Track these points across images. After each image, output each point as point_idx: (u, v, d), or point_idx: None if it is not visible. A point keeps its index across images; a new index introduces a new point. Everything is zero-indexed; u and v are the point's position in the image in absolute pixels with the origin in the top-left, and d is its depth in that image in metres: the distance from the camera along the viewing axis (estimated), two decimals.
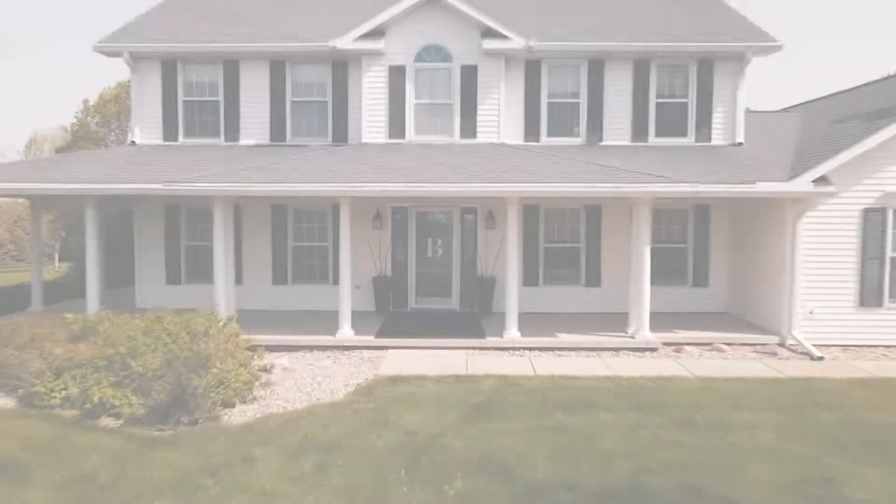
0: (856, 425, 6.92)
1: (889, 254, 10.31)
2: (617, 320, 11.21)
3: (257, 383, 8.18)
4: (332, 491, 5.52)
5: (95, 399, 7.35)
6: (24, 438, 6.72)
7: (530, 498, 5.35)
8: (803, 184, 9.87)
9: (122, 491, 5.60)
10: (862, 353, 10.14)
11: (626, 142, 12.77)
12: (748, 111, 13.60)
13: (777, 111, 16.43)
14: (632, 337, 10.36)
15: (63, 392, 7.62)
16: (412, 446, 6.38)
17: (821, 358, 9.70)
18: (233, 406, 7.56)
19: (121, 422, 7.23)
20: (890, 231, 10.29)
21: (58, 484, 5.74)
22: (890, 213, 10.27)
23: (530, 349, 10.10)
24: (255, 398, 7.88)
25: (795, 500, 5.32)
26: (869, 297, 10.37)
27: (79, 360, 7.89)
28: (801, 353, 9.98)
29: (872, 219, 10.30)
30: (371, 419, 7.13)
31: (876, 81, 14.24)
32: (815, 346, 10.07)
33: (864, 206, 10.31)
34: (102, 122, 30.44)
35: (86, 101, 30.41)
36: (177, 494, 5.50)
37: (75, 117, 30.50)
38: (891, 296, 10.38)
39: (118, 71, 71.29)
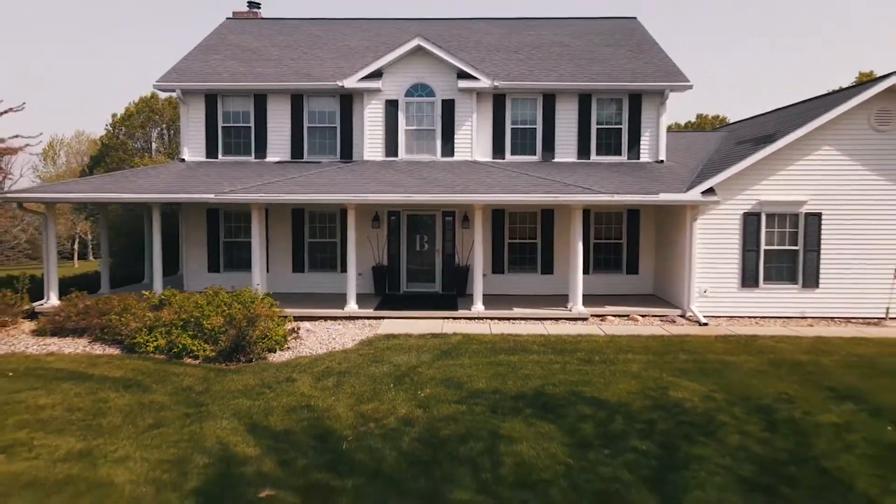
0: (700, 361, 9.91)
1: (763, 247, 13.29)
2: (564, 300, 14.17)
3: (289, 338, 11.14)
4: (345, 395, 8.49)
5: (179, 346, 10.33)
6: (136, 370, 9.69)
7: (472, 398, 8.32)
8: (694, 194, 12.86)
9: (211, 396, 8.56)
10: (741, 322, 13.12)
11: (574, 159, 15.75)
12: (683, 130, 16.57)
13: (705, 131, 19.42)
14: (569, 310, 13.33)
15: (154, 343, 10.58)
16: (398, 373, 9.35)
17: (705, 324, 12.69)
18: (274, 352, 10.53)
19: (198, 361, 10.20)
20: (763, 230, 13.26)
21: (168, 392, 8.71)
22: (763, 217, 13.25)
23: (491, 318, 13.06)
24: (288, 347, 10.85)
25: (638, 398, 8.30)
26: (748, 280, 13.36)
27: (162, 322, 10.86)
28: (694, 322, 12.96)
29: (750, 221, 13.28)
30: (371, 358, 10.10)
31: (775, 110, 17.21)
32: (706, 316, 13.07)
33: (744, 211, 13.29)
34: (128, 134, 33.30)
35: (114, 115, 33.29)
36: (247, 397, 8.46)
37: (105, 129, 33.42)
38: (765, 279, 13.36)
39: (138, 88, 74.06)
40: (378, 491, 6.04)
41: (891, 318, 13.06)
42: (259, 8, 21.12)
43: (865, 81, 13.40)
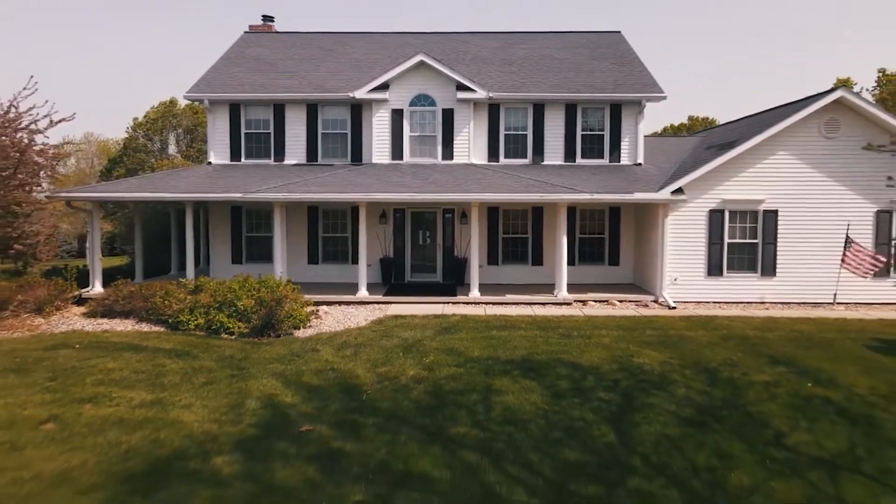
0: (663, 336, 11.42)
1: (726, 240, 14.80)
2: (551, 288, 15.66)
3: (311, 318, 12.64)
4: (362, 361, 9.99)
5: (217, 324, 11.82)
6: (182, 343, 11.19)
7: (468, 363, 9.82)
8: (665, 194, 14.37)
9: (250, 362, 10.05)
10: (706, 307, 14.61)
11: (561, 162, 17.26)
12: (662, 135, 18.05)
13: (681, 136, 20.92)
14: (555, 296, 14.83)
15: (195, 322, 12.08)
16: (406, 345, 10.85)
17: (674, 308, 14.20)
18: (298, 329, 12.03)
19: (234, 336, 11.70)
20: (727, 225, 14.77)
21: (213, 359, 10.21)
22: (727, 213, 14.75)
23: (486, 303, 14.56)
24: (310, 326, 12.34)
25: (606, 363, 9.81)
26: (713, 269, 14.87)
27: (201, 304, 12.35)
28: (665, 306, 14.47)
29: (715, 217, 14.79)
30: (382, 334, 11.60)
31: (745, 117, 18.72)
32: (676, 302, 14.58)
33: (710, 208, 14.79)
34: (147, 136, 34.79)
35: (135, 119, 34.79)
36: (281, 363, 9.95)
37: (126, 132, 34.93)
38: (728, 269, 14.87)
39: (157, 92, 75.42)
40: (394, 426, 7.55)
41: (838, 303, 14.57)
42: (273, 21, 22.59)
43: (816, 94, 14.87)
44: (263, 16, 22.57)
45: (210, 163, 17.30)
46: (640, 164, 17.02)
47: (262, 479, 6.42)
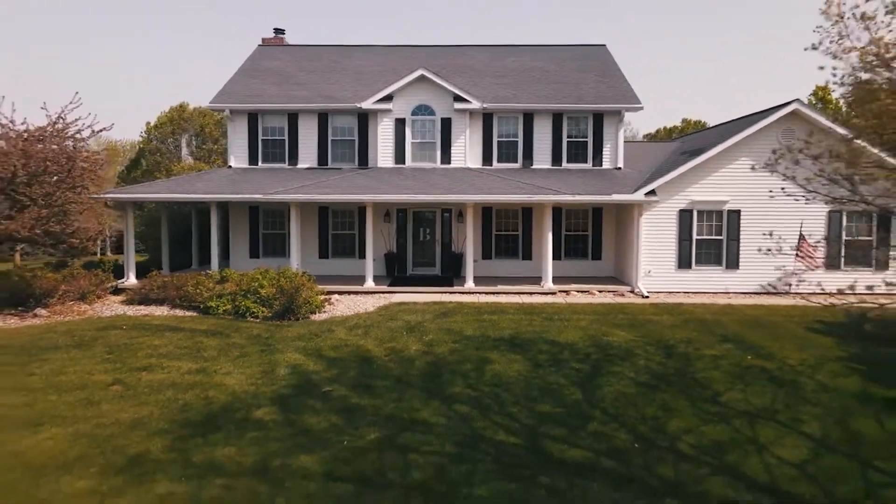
0: (632, 320, 12.89)
1: (695, 237, 16.27)
2: (540, 280, 17.11)
3: (325, 304, 14.10)
4: (372, 338, 11.44)
5: (243, 308, 13.28)
6: (214, 324, 12.64)
7: (463, 340, 11.28)
8: (639, 195, 15.84)
9: (275, 340, 11.50)
10: (676, 296, 16.06)
11: (549, 166, 18.72)
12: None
13: (660, 141, 22.39)
14: (542, 287, 16.30)
15: (223, 307, 13.53)
16: (409, 326, 12.31)
17: (647, 297, 15.67)
18: (314, 313, 13.48)
19: (258, 320, 13.15)
20: (695, 223, 16.23)
21: (243, 337, 11.67)
22: (695, 213, 16.22)
23: (480, 293, 16.01)
24: (324, 311, 13.80)
25: (581, 340, 11.28)
26: (683, 263, 16.35)
27: (228, 291, 13.81)
28: (639, 295, 15.94)
29: (685, 216, 16.26)
30: (387, 317, 13.06)
31: (720, 124, 20.19)
32: (650, 292, 16.05)
33: (679, 208, 16.27)
34: (160, 140, 36.21)
35: (148, 123, 36.24)
36: (302, 340, 11.40)
37: (140, 136, 36.37)
38: (696, 262, 16.34)
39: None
40: (401, 388, 9.03)
41: (794, 293, 16.05)
42: (284, 34, 24.02)
43: (774, 107, 16.34)
44: (275, 29, 24.04)
45: (230, 166, 18.74)
46: (619, 167, 18.49)
47: (296, 425, 7.91)
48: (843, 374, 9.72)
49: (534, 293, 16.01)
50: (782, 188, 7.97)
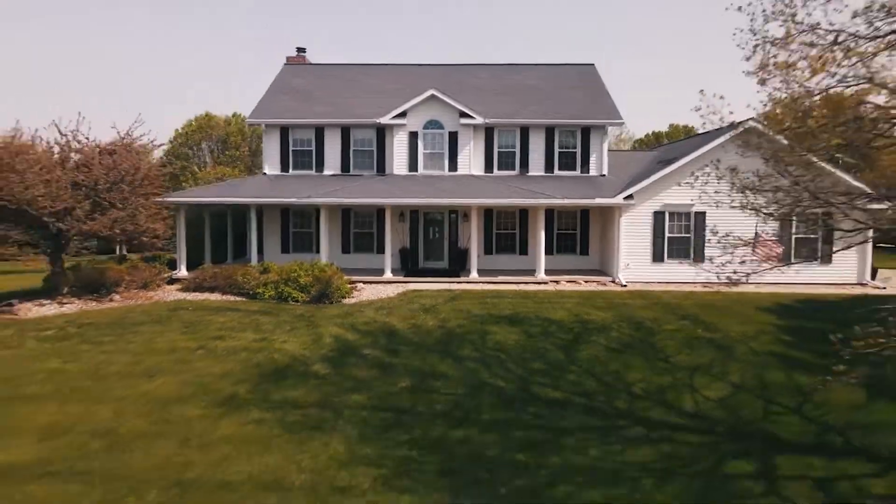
0: (610, 303, 15.32)
1: (667, 235, 18.69)
2: (534, 272, 19.56)
3: (353, 291, 16.55)
4: (395, 317, 13.87)
5: (286, 294, 15.73)
6: (263, 307, 15.06)
7: (470, 317, 13.72)
8: (619, 199, 18.28)
9: (317, 318, 13.95)
10: (651, 286, 18.46)
11: (542, 173, 21.16)
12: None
13: (643, 150, 24.80)
14: (535, 277, 18.74)
15: (268, 293, 15.98)
16: (424, 308, 14.74)
17: (625, 286, 18.11)
18: (344, 298, 15.92)
19: (299, 303, 15.59)
20: (667, 223, 18.66)
21: (290, 316, 14.11)
22: (667, 214, 18.64)
23: (483, 282, 18.44)
24: (352, 297, 16.23)
25: (567, 318, 13.71)
26: (657, 257, 18.77)
27: (271, 280, 16.26)
28: (619, 285, 18.38)
29: (658, 217, 18.69)
30: (406, 301, 15.51)
31: (695, 135, 22.61)
32: (628, 282, 18.47)
33: (654, 210, 18.69)
34: (187, 146, 38.68)
35: (176, 130, 38.75)
36: (338, 318, 13.85)
37: (168, 143, 38.86)
38: (668, 257, 18.76)
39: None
40: (422, 351, 11.50)
41: (751, 283, 18.45)
42: (305, 52, 26.46)
43: (736, 123, 18.72)
44: (297, 48, 26.44)
45: (265, 173, 21.21)
46: (604, 174, 20.93)
47: (343, 375, 10.37)
48: (772, 343, 12.16)
49: (529, 283, 18.46)
50: (716, 203, 10.26)
